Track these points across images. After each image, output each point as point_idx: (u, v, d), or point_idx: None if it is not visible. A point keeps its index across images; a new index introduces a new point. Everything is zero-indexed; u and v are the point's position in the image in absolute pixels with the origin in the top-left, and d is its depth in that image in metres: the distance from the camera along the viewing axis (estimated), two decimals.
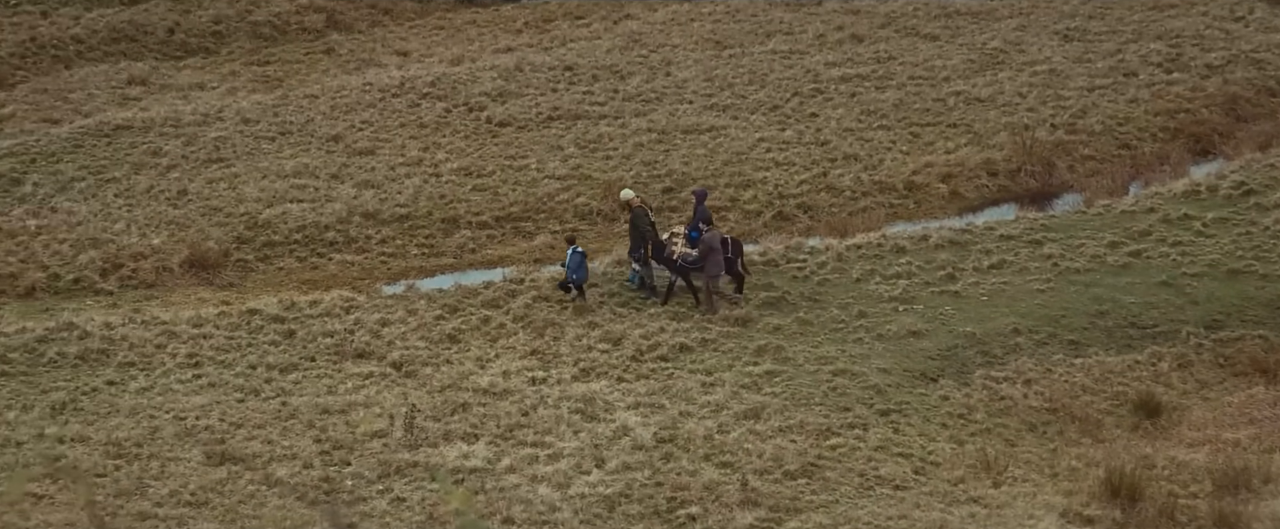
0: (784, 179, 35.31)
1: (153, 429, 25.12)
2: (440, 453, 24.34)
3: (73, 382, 26.64)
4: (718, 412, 25.57)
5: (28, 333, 28.09)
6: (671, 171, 35.60)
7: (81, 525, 22.45)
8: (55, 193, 34.74)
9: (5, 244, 32.41)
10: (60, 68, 43.79)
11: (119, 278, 31.59)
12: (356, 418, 25.46)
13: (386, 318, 28.79)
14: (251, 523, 22.61)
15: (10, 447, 24.50)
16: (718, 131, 37.53)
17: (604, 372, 26.94)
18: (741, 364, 27.13)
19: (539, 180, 35.31)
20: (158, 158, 36.35)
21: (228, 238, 32.92)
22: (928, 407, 26.10)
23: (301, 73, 43.53)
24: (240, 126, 37.97)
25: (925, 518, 22.82)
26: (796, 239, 31.96)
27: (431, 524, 22.61)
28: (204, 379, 26.79)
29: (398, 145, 37.12)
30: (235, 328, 28.47)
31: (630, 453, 24.29)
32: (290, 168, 35.83)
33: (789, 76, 40.53)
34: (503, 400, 25.95)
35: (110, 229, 33.06)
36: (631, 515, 22.81)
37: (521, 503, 23.01)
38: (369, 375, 26.96)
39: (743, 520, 22.62)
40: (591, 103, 39.20)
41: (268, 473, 23.89)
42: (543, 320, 28.63)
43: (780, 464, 24.06)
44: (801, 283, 29.88)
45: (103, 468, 23.96)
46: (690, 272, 28.99)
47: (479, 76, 40.63)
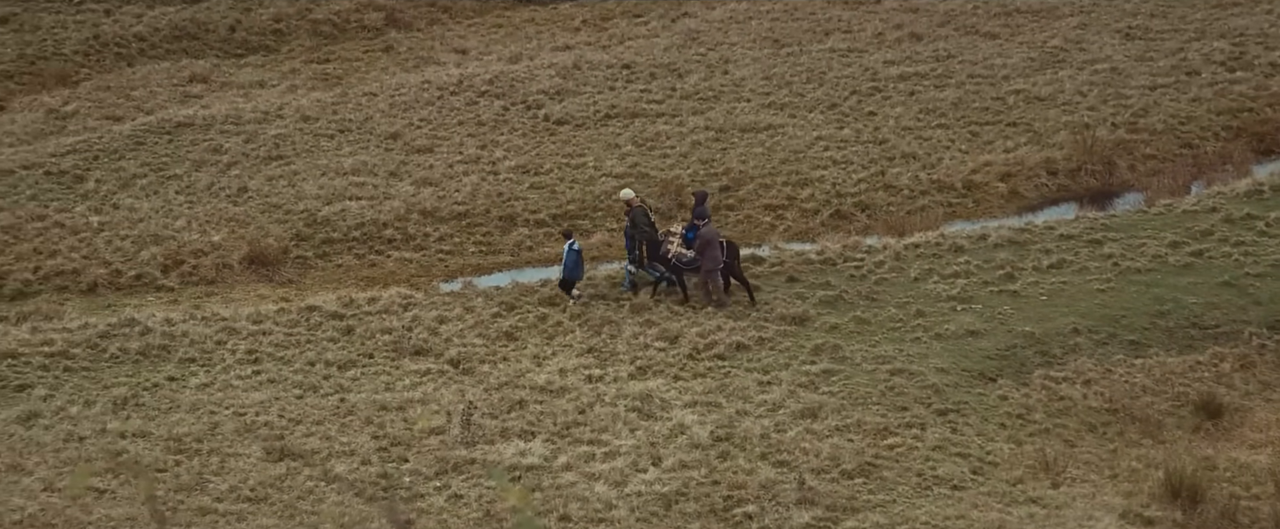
0: (842, 177, 35.20)
1: (213, 425, 25.28)
2: (497, 450, 24.38)
3: (134, 377, 26.85)
4: (774, 410, 25.51)
5: (90, 328, 28.34)
6: (729, 170, 35.55)
7: (142, 520, 22.62)
8: (117, 190, 35.03)
9: (68, 240, 32.70)
10: (123, 65, 44.17)
11: (180, 274, 31.81)
12: (414, 415, 25.55)
13: (444, 315, 28.88)
14: (310, 519, 22.72)
15: (73, 441, 24.72)
16: (775, 130, 37.45)
17: (660, 370, 26.92)
18: (798, 363, 27.05)
19: (596, 178, 35.33)
20: (218, 155, 36.59)
21: (287, 235, 33.10)
22: (986, 406, 25.95)
23: (361, 71, 43.73)
24: (300, 124, 38.17)
25: (983, 518, 22.70)
26: (854, 238, 31.84)
27: (488, 521, 22.66)
28: (263, 375, 26.94)
29: (456, 143, 37.22)
30: (294, 325, 28.62)
31: (687, 451, 24.26)
32: (349, 165, 35.99)
33: (847, 75, 40.39)
34: (559, 398, 25.98)
35: (171, 226, 33.30)
36: (688, 514, 22.79)
37: (578, 500, 23.03)
38: (426, 372, 27.05)
39: (799, 519, 22.56)
40: (649, 101, 39.19)
41: (326, 469, 24.00)
42: (599, 318, 28.64)
43: (837, 463, 23.98)
44: (859, 282, 29.77)
45: (163, 463, 24.14)
46: (686, 271, 29.00)
47: (537, 74, 40.69)
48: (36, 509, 22.72)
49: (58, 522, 22.46)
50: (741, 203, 34.46)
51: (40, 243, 32.60)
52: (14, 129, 39.47)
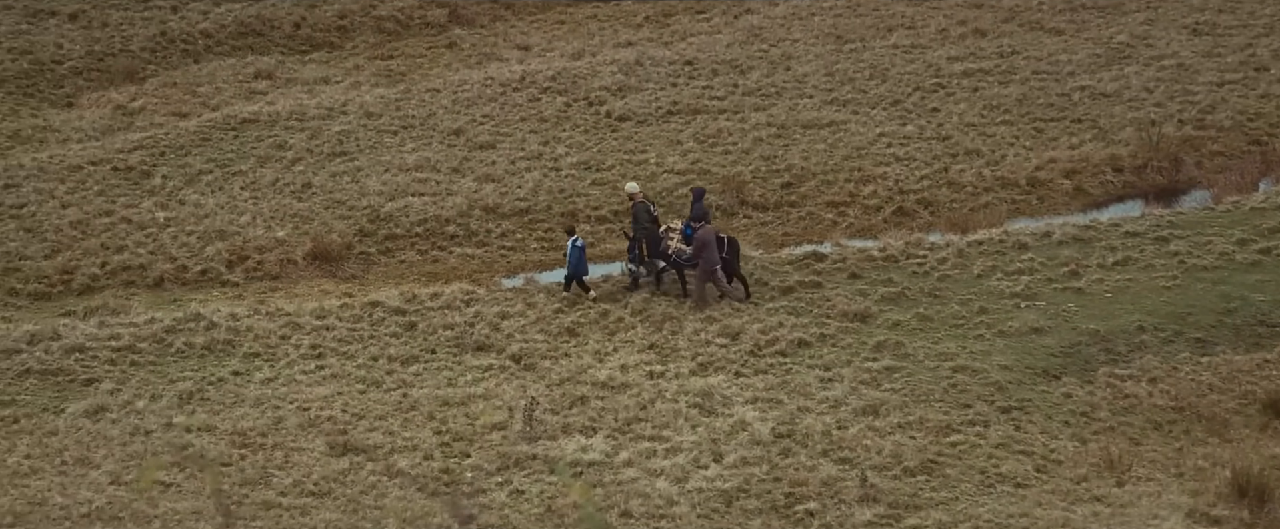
0: (904, 174, 35.06)
1: (277, 419, 25.45)
2: (559, 446, 24.44)
3: (199, 372, 27.07)
4: (836, 407, 25.45)
5: (156, 323, 28.59)
6: (791, 166, 35.48)
7: (208, 514, 22.80)
8: (183, 185, 35.32)
9: (135, 236, 33.00)
10: (189, 62, 44.54)
11: (244, 270, 32.05)
12: (476, 410, 25.63)
13: (506, 311, 28.96)
14: (373, 513, 22.84)
15: (139, 435, 24.94)
16: (838, 126, 37.34)
17: (722, 366, 26.90)
18: (860, 360, 26.97)
19: (658, 174, 35.34)
20: (283, 151, 36.83)
21: (350, 231, 33.28)
22: (1050, 404, 25.79)
23: (424, 67, 43.92)
24: (363, 120, 38.37)
25: (1047, 516, 22.56)
26: (917, 234, 31.71)
27: (550, 517, 22.70)
28: (327, 371, 27.10)
29: (518, 139, 37.32)
30: (357, 320, 28.78)
31: (748, 448, 24.24)
32: (412, 161, 36.15)
33: (910, 71, 40.22)
34: (621, 394, 26.00)
35: (236, 221, 33.55)
36: (749, 510, 22.77)
37: (639, 496, 23.04)
38: (488, 368, 27.13)
39: (861, 517, 22.49)
40: (711, 97, 39.16)
41: (389, 464, 24.12)
42: (661, 314, 28.65)
43: (899, 461, 23.89)
44: (922, 279, 29.65)
45: (228, 457, 24.33)
46: (684, 267, 29.03)
47: (599, 71, 40.73)
48: (104, 502, 22.95)
49: (125, 515, 22.67)
50: (803, 199, 34.39)
51: (108, 238, 32.92)
52: (82, 125, 39.88)
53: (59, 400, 26.13)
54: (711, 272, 28.54)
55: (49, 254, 32.31)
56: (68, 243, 32.75)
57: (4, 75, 42.68)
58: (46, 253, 32.35)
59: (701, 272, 28.61)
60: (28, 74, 42.98)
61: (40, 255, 32.26)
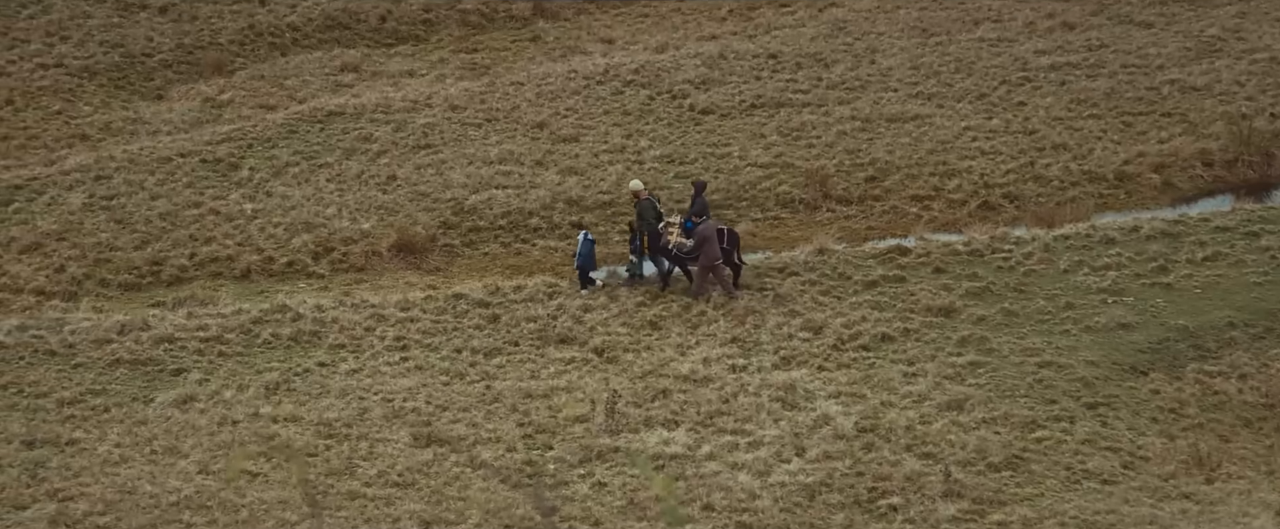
0: (990, 168, 34.83)
1: (362, 410, 25.65)
2: (641, 439, 24.47)
3: (286, 362, 27.32)
4: (920, 402, 25.32)
5: (243, 314, 28.88)
6: (875, 160, 35.32)
7: (294, 503, 23.01)
8: (270, 177, 35.64)
9: (223, 227, 33.36)
10: (277, 55, 44.94)
11: (330, 261, 32.30)
12: (559, 403, 25.72)
13: (588, 304, 29.03)
14: (456, 504, 22.97)
15: (227, 425, 25.21)
16: (922, 120, 37.14)
17: (804, 360, 26.84)
18: (944, 354, 26.82)
19: (741, 168, 35.29)
20: (368, 144, 37.08)
21: (434, 223, 33.46)
22: (1137, 400, 25.53)
23: (508, 60, 44.08)
24: (448, 113, 38.56)
25: (1134, 513, 22.34)
26: (1002, 229, 31.50)
27: (632, 509, 22.74)
28: (411, 362, 27.28)
29: (601, 132, 37.38)
30: (441, 312, 28.95)
31: (831, 442, 24.17)
32: (496, 154, 36.29)
33: (997, 64, 39.94)
34: (703, 387, 26.00)
35: (322, 213, 33.82)
36: (832, 505, 22.70)
37: (721, 490, 23.04)
38: (571, 361, 27.21)
39: (945, 512, 22.37)
40: (795, 90, 39.05)
41: (472, 455, 24.25)
42: (743, 308, 28.62)
43: (984, 456, 23.74)
44: (1007, 273, 29.45)
45: (314, 447, 24.54)
46: (685, 261, 29.02)
47: (682, 64, 40.72)
48: (192, 491, 23.22)
49: (212, 504, 22.92)
50: (887, 193, 34.23)
51: (196, 229, 33.28)
52: (172, 117, 40.34)
53: (148, 390, 26.46)
54: (713, 265, 28.57)
55: (139, 245, 32.71)
56: (157, 234, 33.13)
57: (96, 68, 43.25)
58: (136, 244, 32.75)
59: (702, 265, 28.63)
60: (119, 67, 43.53)
61: (130, 246, 32.67)
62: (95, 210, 34.03)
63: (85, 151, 37.76)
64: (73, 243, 32.66)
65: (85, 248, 32.48)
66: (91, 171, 35.74)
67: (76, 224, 33.38)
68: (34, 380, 26.69)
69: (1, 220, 33.58)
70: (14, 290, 30.97)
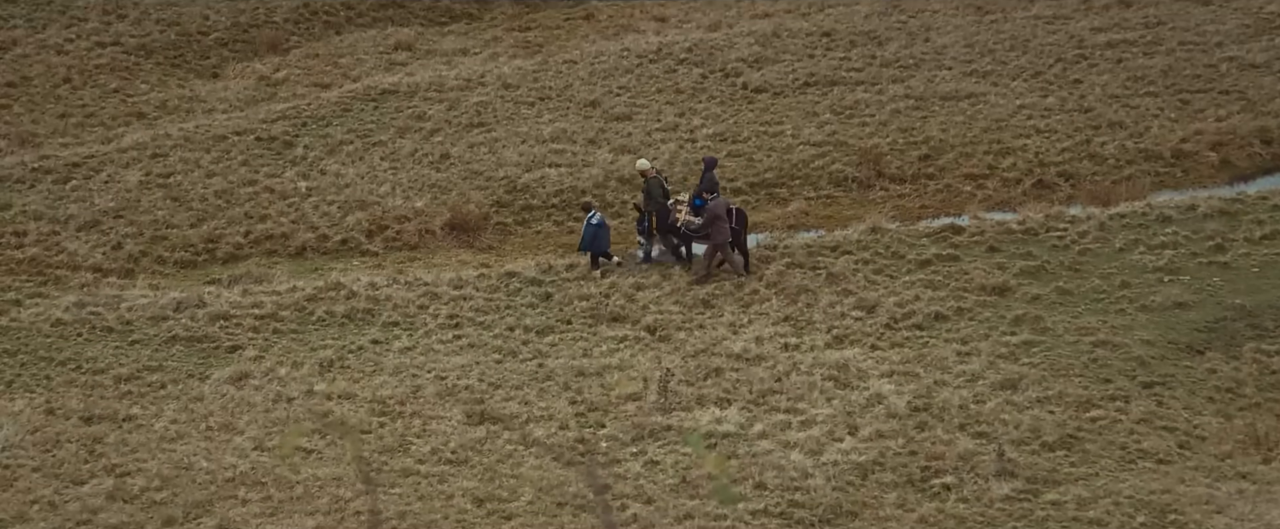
0: (1045, 147, 34.62)
1: (415, 388, 25.77)
2: (693, 417, 24.49)
3: (340, 340, 27.47)
4: (974, 381, 25.23)
5: (298, 291, 29.05)
6: (929, 138, 35.17)
7: (349, 480, 23.16)
8: (324, 155, 35.81)
9: (278, 205, 33.54)
10: (331, 34, 45.11)
11: (384, 239, 32.43)
12: (611, 381, 25.76)
13: (641, 282, 29.05)
14: (509, 482, 23.05)
15: (282, 402, 25.38)
16: (977, 98, 36.94)
17: (857, 339, 26.79)
18: (998, 333, 26.71)
19: (794, 147, 35.20)
20: (422, 122, 37.19)
21: (487, 201, 33.54)
22: (1193, 380, 25.36)
23: (561, 38, 44.09)
24: (501, 91, 38.62)
25: (1190, 493, 22.21)
26: (1057, 208, 31.32)
27: (685, 488, 22.77)
28: (464, 340, 27.38)
29: (654, 111, 37.36)
30: (494, 290, 29.04)
31: (884, 421, 24.12)
32: (549, 132, 36.34)
33: (1052, 42, 39.67)
34: (755, 366, 25.99)
35: (376, 191, 33.95)
36: (885, 484, 22.67)
37: (774, 469, 23.03)
38: (623, 339, 27.24)
39: (999, 491, 22.30)
40: (848, 69, 38.91)
41: (525, 433, 24.33)
42: (796, 286, 28.58)
43: (1038, 435, 23.65)
44: (1062, 252, 29.29)
45: (368, 424, 24.67)
46: (693, 240, 29.00)
47: (736, 42, 40.63)
48: (247, 467, 23.39)
49: (268, 480, 23.09)
50: (941, 172, 34.09)
51: (251, 207, 33.48)
52: (227, 96, 40.58)
53: (204, 366, 26.66)
54: (721, 244, 28.53)
55: (195, 223, 32.93)
56: (212, 212, 33.35)
57: (153, 46, 43.53)
58: (192, 221, 32.98)
59: (712, 244, 28.60)
60: (175, 45, 43.80)
61: (186, 224, 32.89)
62: (152, 188, 34.28)
63: (142, 129, 38.05)
64: (130, 220, 32.91)
65: (142, 225, 32.73)
66: (148, 149, 35.99)
67: (133, 202, 33.64)
68: (92, 357, 26.95)
69: (60, 198, 33.87)
70: (72, 267, 31.25)
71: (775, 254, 29.80)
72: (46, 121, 39.31)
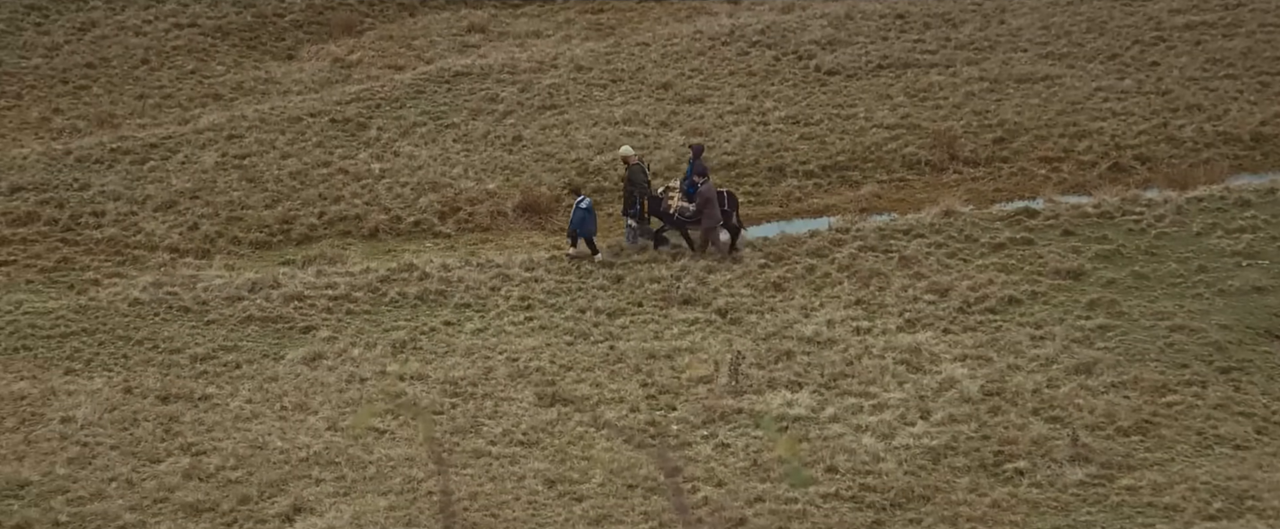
0: (1121, 129, 34.29)
1: (487, 369, 25.87)
2: (764, 400, 24.46)
3: (412, 321, 27.61)
4: (1047, 365, 25.06)
5: (371, 273, 29.22)
6: (1003, 121, 34.91)
7: (421, 460, 23.29)
8: (398, 137, 35.97)
9: (352, 187, 33.73)
10: (405, 16, 45.28)
11: (456, 221, 32.55)
12: (682, 363, 25.76)
13: (712, 265, 29.03)
14: (580, 464, 23.12)
15: (355, 382, 25.55)
16: (1052, 80, 36.63)
17: (930, 323, 26.66)
18: (1073, 318, 26.51)
19: (867, 129, 35.04)
20: (494, 104, 37.28)
21: (559, 183, 33.59)
22: (1271, 365, 25.08)
23: (634, 21, 44.05)
24: (573, 74, 38.65)
25: (1267, 479, 21.98)
26: (1133, 191, 31.03)
27: (755, 471, 22.76)
28: (535, 322, 27.46)
29: (726, 93, 37.28)
30: (565, 272, 29.10)
31: (956, 405, 24.01)
32: (620, 115, 36.34)
33: (1130, 24, 39.26)
34: (827, 349, 25.92)
35: (448, 173, 34.08)
36: (957, 468, 22.56)
37: (845, 452, 22.98)
38: (694, 322, 27.24)
39: (1073, 476, 22.16)
40: (922, 51, 38.67)
41: (596, 415, 24.38)
42: (868, 270, 28.47)
43: (1113, 420, 23.46)
44: (1138, 236, 29.02)
45: (440, 405, 24.80)
46: (687, 225, 29.03)
47: (809, 25, 40.47)
48: (321, 447, 23.58)
49: (341, 460, 23.26)
50: (1016, 155, 33.84)
51: (325, 189, 33.69)
52: (302, 77, 40.82)
53: (278, 347, 26.88)
54: (713, 229, 28.52)
55: (269, 204, 33.17)
56: (287, 193, 33.58)
57: (229, 28, 43.86)
58: (267, 202, 33.22)
59: (705, 228, 28.66)
60: (251, 27, 44.10)
61: (261, 205, 33.14)
62: (228, 169, 34.56)
63: (218, 111, 38.35)
64: (206, 201, 33.20)
65: (217, 206, 33.01)
66: (224, 130, 36.28)
67: (209, 182, 33.93)
68: (168, 336, 27.22)
69: (137, 178, 34.22)
70: (149, 248, 31.58)
71: (847, 237, 29.69)
72: (125, 102, 39.71)
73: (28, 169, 34.31)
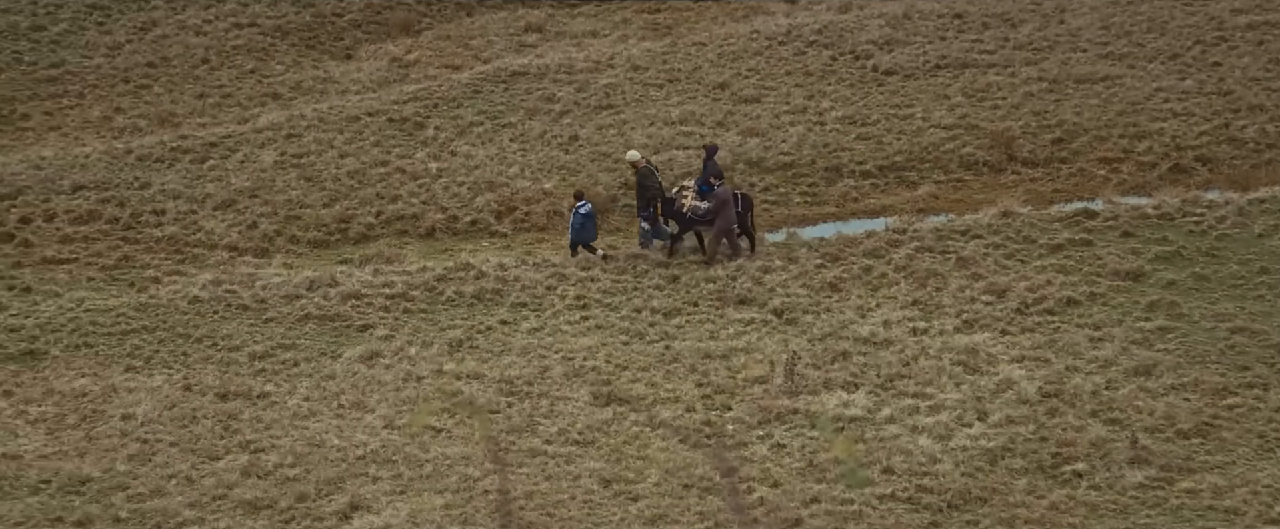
0: (1182, 130, 34.02)
1: (543, 369, 25.92)
2: (820, 401, 24.41)
3: (469, 320, 27.70)
4: (1106, 367, 24.90)
5: (428, 272, 29.33)
6: (1062, 122, 34.70)
7: (477, 459, 23.36)
8: (455, 137, 36.09)
9: (408, 186, 33.86)
10: (462, 15, 45.43)
11: (512, 220, 32.63)
12: (738, 364, 25.74)
13: (768, 265, 28.99)
14: (636, 463, 23.13)
15: (412, 381, 25.65)
16: (1112, 81, 36.38)
17: (987, 324, 26.53)
18: (1132, 319, 26.33)
19: (924, 129, 34.90)
20: (551, 104, 37.35)
21: (615, 183, 33.61)
22: None
23: (691, 20, 44.04)
24: (630, 73, 38.68)
25: None
26: (1194, 192, 30.79)
27: (812, 471, 22.71)
28: (591, 321, 27.49)
29: (783, 93, 37.21)
30: (621, 272, 29.12)
31: (1014, 407, 23.88)
32: (677, 115, 36.33)
33: (1191, 24, 38.95)
34: (883, 350, 25.83)
35: (505, 173, 34.17)
36: (1015, 470, 22.45)
37: (902, 453, 22.90)
38: (750, 322, 27.20)
39: (1132, 479, 22.00)
40: (981, 51, 38.48)
41: (652, 415, 24.39)
42: (925, 271, 28.36)
43: (1173, 423, 23.28)
44: (1198, 237, 28.78)
45: (496, 404, 24.87)
46: (700, 224, 28.88)
47: (866, 24, 40.34)
48: (378, 445, 23.68)
49: (398, 458, 23.37)
50: (1075, 155, 33.63)
51: (382, 188, 33.84)
52: (360, 77, 41.02)
53: (336, 345, 27.02)
54: (728, 229, 28.35)
55: (327, 202, 33.35)
56: (345, 192, 33.75)
57: (288, 28, 44.12)
58: (325, 201, 33.40)
59: (718, 229, 28.48)
60: (310, 27, 44.35)
61: (319, 204, 33.32)
62: (286, 168, 34.76)
63: (277, 110, 38.59)
64: (264, 200, 33.41)
65: (276, 205, 33.21)
66: (283, 130, 36.50)
67: (268, 181, 34.14)
68: (227, 334, 27.41)
69: (197, 177, 34.47)
70: (209, 246, 31.80)
71: (904, 238, 29.59)
72: (185, 102, 40.02)
73: (89, 168, 34.62)
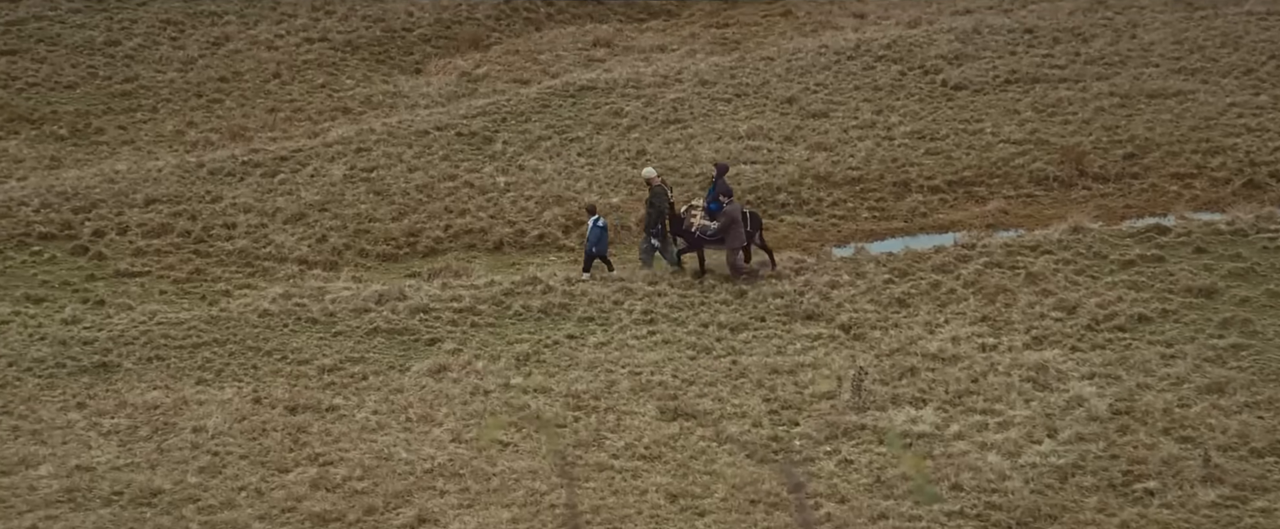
0: (1256, 146, 33.67)
1: (610, 383, 25.93)
2: (888, 417, 24.29)
3: (536, 334, 27.75)
4: (1178, 385, 24.65)
5: (496, 286, 29.42)
6: (1134, 137, 34.42)
7: (544, 473, 23.39)
8: (523, 151, 36.21)
9: (477, 200, 34.00)
10: (531, 30, 45.62)
11: (580, 235, 32.66)
12: (805, 379, 25.66)
13: (835, 280, 28.89)
14: (702, 478, 23.08)
15: (479, 395, 25.72)
16: (1185, 96, 36.06)
17: (1057, 340, 26.33)
18: (1205, 336, 26.06)
19: (994, 145, 34.72)
20: (619, 118, 37.41)
21: (683, 199, 33.60)
22: None
23: (759, 35, 44.02)
24: (698, 88, 38.68)
25: None
26: (1268, 208, 30.48)
27: (879, 487, 22.60)
28: (658, 336, 27.48)
29: (851, 108, 37.11)
30: (688, 286, 29.11)
31: (1084, 424, 23.68)
32: (744, 129, 36.31)
33: (1266, 39, 38.57)
34: (951, 366, 25.68)
35: (573, 187, 34.24)
36: (1085, 488, 22.25)
37: (970, 470, 22.75)
38: (817, 337, 27.12)
39: (1205, 497, 21.76)
40: (1051, 66, 38.25)
41: (719, 430, 24.34)
42: (994, 286, 28.18)
43: (1246, 441, 23.02)
44: (1273, 254, 28.46)
45: (563, 418, 24.90)
46: (708, 244, 28.79)
47: (935, 39, 40.19)
48: (445, 459, 23.76)
49: (465, 472, 23.43)
50: (1146, 171, 33.36)
51: (451, 202, 33.99)
52: (429, 91, 41.24)
53: (404, 359, 27.14)
54: (737, 249, 28.40)
55: (396, 217, 33.53)
56: (414, 206, 33.92)
57: (359, 42, 44.43)
58: (394, 215, 33.58)
59: (728, 248, 28.49)
60: (380, 41, 44.65)
61: (388, 218, 33.51)
62: (355, 182, 34.98)
63: (347, 124, 38.85)
64: (334, 213, 33.63)
65: (346, 218, 33.42)
66: (352, 144, 36.74)
67: (338, 195, 34.36)
68: (297, 347, 27.59)
69: (268, 191, 34.73)
70: (279, 259, 32.03)
71: (973, 253, 29.42)
72: (256, 116, 40.35)
73: (162, 181, 34.97)
